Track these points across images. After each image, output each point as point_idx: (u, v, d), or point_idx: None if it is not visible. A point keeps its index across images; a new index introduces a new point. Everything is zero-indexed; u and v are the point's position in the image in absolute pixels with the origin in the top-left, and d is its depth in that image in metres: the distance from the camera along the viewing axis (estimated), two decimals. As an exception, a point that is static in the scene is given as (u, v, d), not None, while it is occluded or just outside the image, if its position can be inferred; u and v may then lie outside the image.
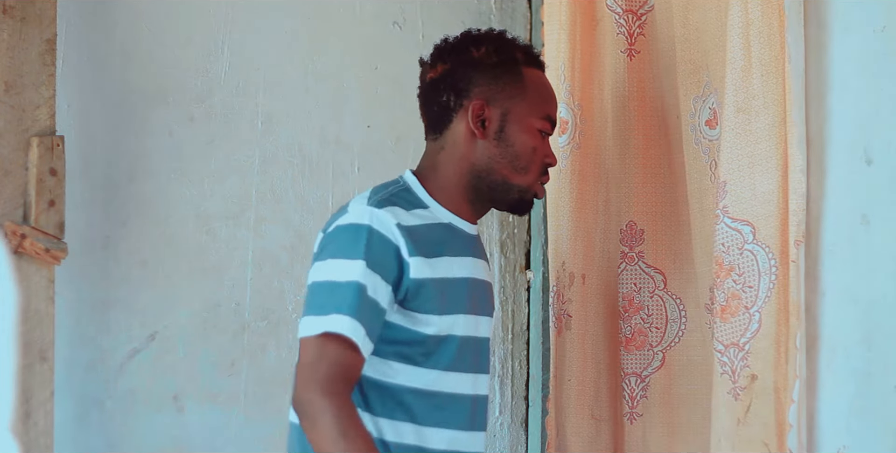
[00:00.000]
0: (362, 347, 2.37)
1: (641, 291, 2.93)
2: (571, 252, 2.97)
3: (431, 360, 2.47)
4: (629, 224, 2.95)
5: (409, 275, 2.42)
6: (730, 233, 2.43)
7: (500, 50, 2.55)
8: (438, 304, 2.45)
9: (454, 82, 2.53)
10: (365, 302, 2.38)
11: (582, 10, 3.00)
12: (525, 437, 3.47)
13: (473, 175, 2.53)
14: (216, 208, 3.25)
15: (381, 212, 2.43)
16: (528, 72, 2.57)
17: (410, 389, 2.46)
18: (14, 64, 2.99)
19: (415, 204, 2.50)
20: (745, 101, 2.42)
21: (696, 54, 2.72)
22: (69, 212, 3.05)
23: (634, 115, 2.93)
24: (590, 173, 2.99)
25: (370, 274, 2.39)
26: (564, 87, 2.99)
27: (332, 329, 2.36)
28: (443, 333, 2.47)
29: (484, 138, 2.52)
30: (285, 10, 3.33)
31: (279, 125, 3.32)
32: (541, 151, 2.55)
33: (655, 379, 2.91)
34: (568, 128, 3.00)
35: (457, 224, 2.54)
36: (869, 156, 2.30)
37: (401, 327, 2.45)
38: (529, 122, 2.54)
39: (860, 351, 2.30)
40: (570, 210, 2.98)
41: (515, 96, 2.54)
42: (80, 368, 3.14)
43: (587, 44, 3.00)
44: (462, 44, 2.56)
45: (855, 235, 2.32)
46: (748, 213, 2.41)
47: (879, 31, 2.29)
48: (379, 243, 2.41)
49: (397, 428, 2.45)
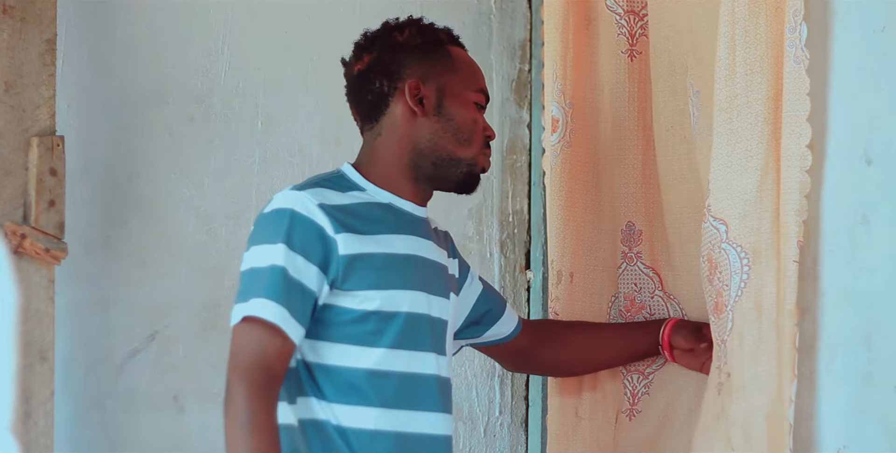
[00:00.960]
0: (287, 330, 2.36)
1: (642, 291, 2.94)
2: (560, 250, 2.97)
3: (378, 338, 2.43)
4: (628, 224, 2.95)
5: (337, 252, 2.40)
6: (711, 231, 2.45)
7: (423, 32, 2.58)
8: (377, 279, 2.43)
9: (384, 67, 2.54)
10: (287, 284, 2.37)
11: (575, 10, 3.00)
12: (525, 437, 3.47)
13: (416, 153, 2.52)
14: (216, 208, 3.26)
15: (303, 193, 2.43)
16: (454, 49, 2.60)
17: (362, 371, 2.42)
18: (14, 64, 2.99)
19: (350, 187, 2.50)
20: (728, 100, 2.42)
21: (683, 56, 2.73)
22: (69, 212, 3.05)
23: (635, 116, 2.93)
24: (580, 172, 2.98)
25: (291, 255, 2.38)
26: (556, 86, 2.99)
27: (253, 313, 2.36)
28: (386, 309, 2.43)
29: (424, 116, 2.53)
30: (285, 10, 3.33)
31: (279, 125, 3.32)
32: (480, 123, 2.56)
33: (659, 377, 2.91)
34: (559, 126, 3.00)
35: (398, 204, 2.52)
36: (869, 156, 2.30)
37: (342, 308, 2.42)
38: (465, 96, 2.55)
39: (860, 351, 2.30)
40: (560, 208, 2.98)
41: (447, 72, 2.55)
42: (80, 368, 3.14)
43: (580, 43, 3.00)
44: (384, 32, 2.58)
45: (855, 235, 2.32)
46: (724, 212, 2.42)
47: (879, 31, 2.29)
48: (300, 225, 2.40)
49: (353, 412, 2.42)
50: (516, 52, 3.51)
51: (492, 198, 3.50)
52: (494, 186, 3.49)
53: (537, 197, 3.46)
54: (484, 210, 3.49)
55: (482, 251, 3.49)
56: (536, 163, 3.47)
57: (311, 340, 2.43)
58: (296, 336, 2.37)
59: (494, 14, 3.50)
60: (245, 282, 2.43)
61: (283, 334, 2.36)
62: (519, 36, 3.52)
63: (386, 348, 2.44)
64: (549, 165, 3.02)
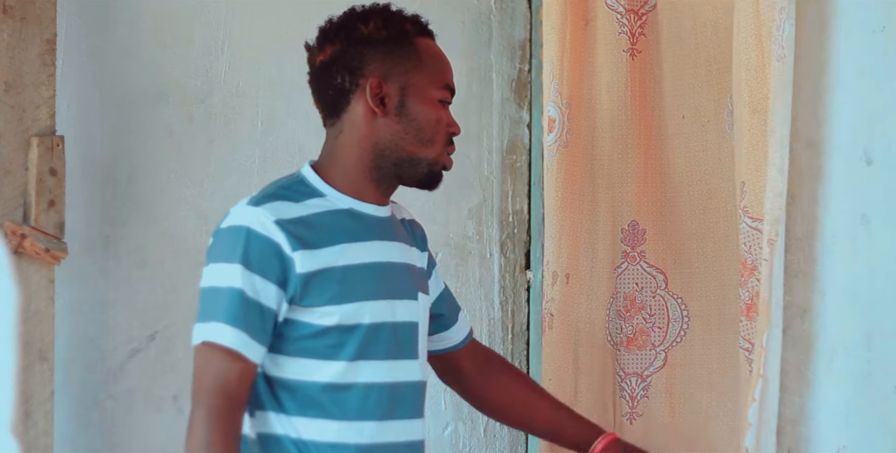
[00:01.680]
0: (247, 353, 2.36)
1: (643, 291, 2.93)
2: (556, 251, 2.97)
3: (338, 352, 2.41)
4: (631, 223, 2.94)
5: (294, 270, 2.37)
6: (751, 233, 2.42)
7: (389, 23, 2.48)
8: (336, 293, 2.39)
9: (346, 62, 2.47)
10: (245, 306, 2.36)
11: (573, 10, 3.00)
12: (525, 437, 3.47)
13: (377, 154, 2.47)
14: (216, 208, 3.25)
15: (259, 210, 2.39)
16: (421, 42, 2.50)
17: (322, 384, 2.40)
18: (14, 64, 2.99)
19: (308, 194, 2.45)
20: (760, 102, 2.41)
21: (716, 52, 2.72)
22: (69, 212, 3.05)
23: (637, 115, 2.93)
24: (577, 172, 2.98)
25: (248, 275, 2.36)
26: (553, 86, 2.99)
27: (212, 339, 2.37)
28: (347, 323, 2.40)
29: (385, 116, 2.46)
30: (285, 10, 3.33)
31: (279, 125, 3.32)
32: (444, 122, 2.49)
33: (657, 379, 2.91)
34: (555, 126, 2.99)
35: (359, 209, 2.47)
36: (869, 156, 2.30)
37: (302, 323, 2.40)
38: (429, 94, 2.48)
39: (860, 351, 2.29)
40: (556, 208, 2.98)
41: (411, 69, 2.47)
42: (80, 368, 3.14)
43: (577, 43, 3.00)
44: (348, 21, 2.50)
45: (855, 235, 2.32)
46: (763, 213, 2.41)
47: (879, 31, 2.29)
48: (257, 243, 2.37)
49: (314, 425, 2.40)
50: (516, 52, 3.51)
51: (492, 198, 3.50)
52: (494, 186, 3.49)
53: (537, 197, 3.47)
54: (484, 210, 3.49)
55: (482, 251, 3.49)
56: (536, 163, 3.47)
57: (272, 354, 2.41)
58: (256, 356, 2.38)
59: (494, 14, 3.50)
60: (204, 300, 2.42)
61: (243, 358, 2.36)
62: (519, 36, 3.52)
63: (346, 361, 2.42)
64: (546, 166, 3.02)
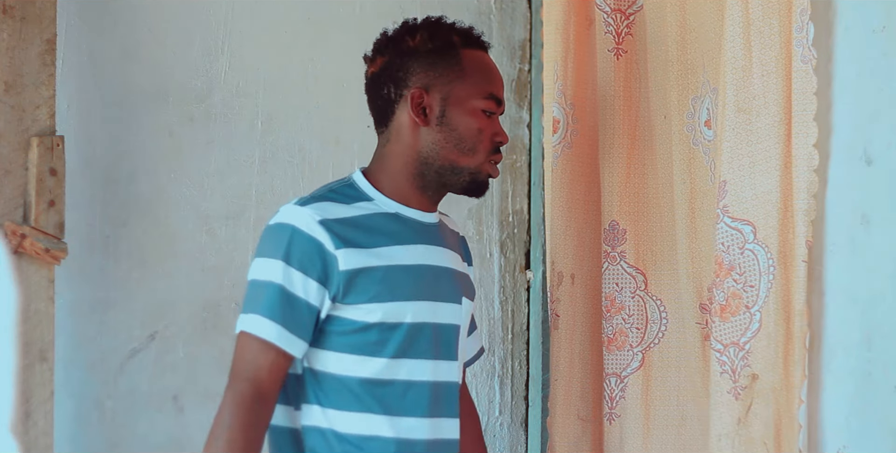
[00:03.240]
0: (282, 345, 2.44)
1: (623, 291, 2.92)
2: (562, 251, 2.97)
3: (381, 349, 2.49)
4: (612, 223, 2.93)
5: (337, 267, 2.46)
6: (730, 233, 2.42)
7: (435, 35, 2.56)
8: (379, 292, 2.48)
9: (392, 73, 2.55)
10: (284, 300, 2.45)
11: (577, 10, 2.99)
12: (525, 437, 3.47)
13: (421, 162, 2.54)
14: (216, 208, 3.26)
15: (305, 209, 2.48)
16: (468, 53, 2.57)
17: (364, 380, 2.48)
18: (14, 64, 2.99)
19: (357, 197, 2.54)
20: (746, 101, 2.41)
21: (694, 54, 2.72)
22: (69, 212, 3.05)
23: (620, 115, 2.92)
24: (581, 173, 2.98)
25: (289, 271, 2.45)
26: (556, 87, 2.99)
27: (249, 329, 2.45)
28: (389, 320, 2.48)
29: (427, 125, 2.54)
30: (285, 10, 3.33)
31: (279, 125, 3.32)
32: (487, 131, 2.56)
33: (633, 380, 2.90)
34: (559, 127, 2.99)
35: (405, 213, 2.55)
36: (869, 156, 2.30)
37: (345, 320, 2.48)
38: (471, 104, 2.54)
39: (860, 351, 2.30)
40: (561, 209, 2.98)
41: (454, 80, 2.54)
42: (80, 368, 3.14)
43: (581, 43, 2.99)
44: (398, 34, 2.58)
45: (855, 235, 2.32)
46: (749, 213, 2.41)
47: (879, 31, 2.29)
48: (300, 241, 2.46)
49: (355, 419, 2.48)
50: (516, 52, 3.51)
51: (492, 198, 3.50)
52: (494, 186, 3.49)
53: (537, 197, 3.46)
54: (484, 210, 3.49)
55: (482, 251, 3.49)
56: (536, 163, 3.47)
57: (315, 349, 2.49)
58: (293, 349, 2.45)
59: (494, 14, 3.50)
60: (249, 292, 2.50)
61: (278, 349, 2.44)
62: (519, 36, 3.52)
63: (388, 358, 2.49)
64: (550, 166, 3.02)
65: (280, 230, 2.48)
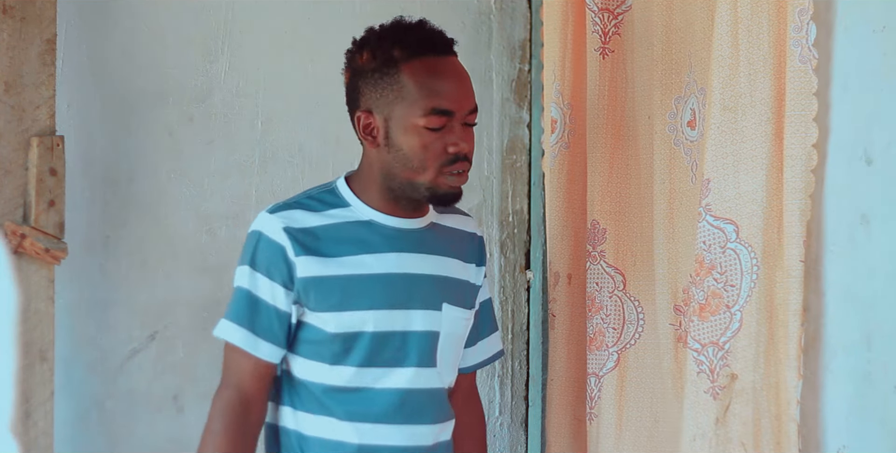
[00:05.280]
0: (251, 350, 2.52)
1: (602, 291, 2.90)
2: (559, 251, 2.96)
3: (346, 358, 2.52)
4: (593, 223, 2.91)
5: (296, 274, 2.51)
6: (712, 232, 2.42)
7: (377, 52, 2.50)
8: (336, 301, 2.51)
9: (349, 94, 2.57)
10: (250, 305, 2.52)
11: (575, 10, 2.99)
12: (525, 437, 3.47)
13: (384, 176, 2.55)
14: (216, 208, 3.26)
15: (272, 216, 2.53)
16: (410, 68, 2.49)
17: (328, 387, 2.53)
18: (14, 64, 2.99)
19: (333, 204, 2.57)
20: (732, 100, 2.41)
21: (680, 54, 2.71)
22: (69, 212, 3.05)
23: (605, 115, 2.91)
24: (578, 173, 2.97)
25: (255, 276, 2.53)
26: (555, 87, 2.98)
27: (221, 335, 2.55)
28: (348, 330, 2.51)
29: (376, 147, 2.54)
30: (285, 10, 3.33)
31: (279, 125, 3.32)
32: (434, 147, 2.49)
33: (608, 380, 2.88)
34: (557, 127, 2.99)
35: (381, 221, 2.56)
36: (869, 156, 2.30)
37: (311, 327, 2.53)
38: (411, 122, 2.49)
39: (860, 351, 2.30)
40: (559, 209, 2.97)
41: (394, 100, 2.50)
42: (80, 368, 3.14)
43: (578, 44, 2.99)
44: (351, 51, 2.56)
45: (855, 235, 2.32)
46: (732, 212, 2.40)
47: (879, 31, 2.29)
48: (265, 247, 2.53)
49: (319, 423, 2.54)
50: (516, 52, 3.51)
51: (492, 198, 3.49)
52: (494, 186, 3.49)
53: (537, 197, 3.46)
54: (484, 210, 3.49)
55: (482, 251, 3.48)
56: (536, 163, 3.47)
57: (290, 354, 2.56)
58: (264, 353, 2.52)
59: (494, 14, 3.50)
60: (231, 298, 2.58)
61: (248, 354, 2.52)
62: (519, 36, 3.52)
63: (355, 366, 2.53)
64: (548, 166, 3.01)
65: (250, 237, 2.55)
